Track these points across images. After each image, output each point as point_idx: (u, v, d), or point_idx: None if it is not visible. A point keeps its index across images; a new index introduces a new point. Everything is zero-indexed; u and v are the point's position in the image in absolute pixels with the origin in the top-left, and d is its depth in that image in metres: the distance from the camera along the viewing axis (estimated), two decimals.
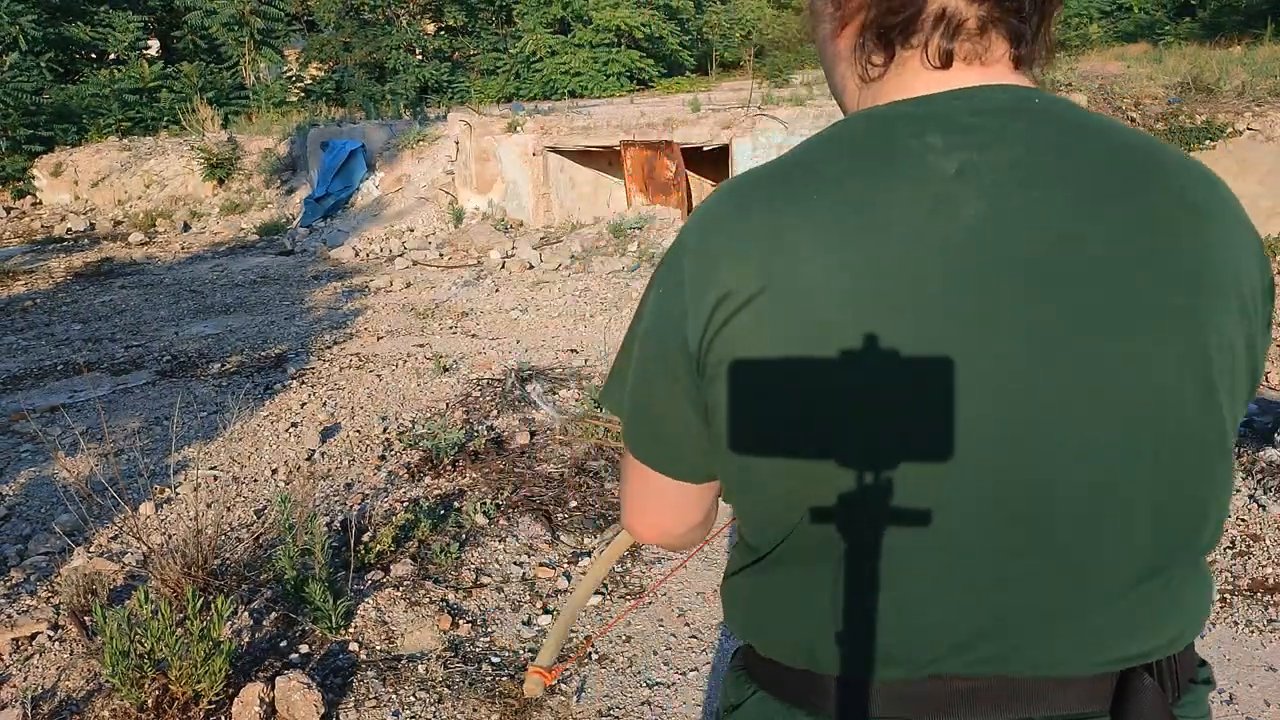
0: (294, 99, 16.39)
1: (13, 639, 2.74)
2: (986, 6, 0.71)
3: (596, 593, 3.06)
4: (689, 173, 9.60)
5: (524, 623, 2.87)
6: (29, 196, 13.44)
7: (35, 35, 14.89)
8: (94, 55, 17.12)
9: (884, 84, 0.75)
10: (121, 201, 12.68)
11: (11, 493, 3.94)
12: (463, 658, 2.68)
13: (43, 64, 14.87)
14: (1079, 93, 7.77)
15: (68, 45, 16.24)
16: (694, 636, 2.83)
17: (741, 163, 8.92)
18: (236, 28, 16.81)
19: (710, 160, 9.61)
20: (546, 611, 2.94)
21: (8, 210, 12.92)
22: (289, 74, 17.59)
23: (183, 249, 10.33)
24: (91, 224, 11.97)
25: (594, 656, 2.72)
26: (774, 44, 18.71)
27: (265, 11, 17.14)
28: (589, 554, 3.29)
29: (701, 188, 10.28)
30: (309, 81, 17.37)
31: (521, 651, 2.72)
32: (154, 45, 18.43)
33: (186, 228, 11.46)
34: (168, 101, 14.95)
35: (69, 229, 11.67)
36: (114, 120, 14.77)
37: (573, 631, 2.85)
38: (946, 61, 0.72)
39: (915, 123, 0.70)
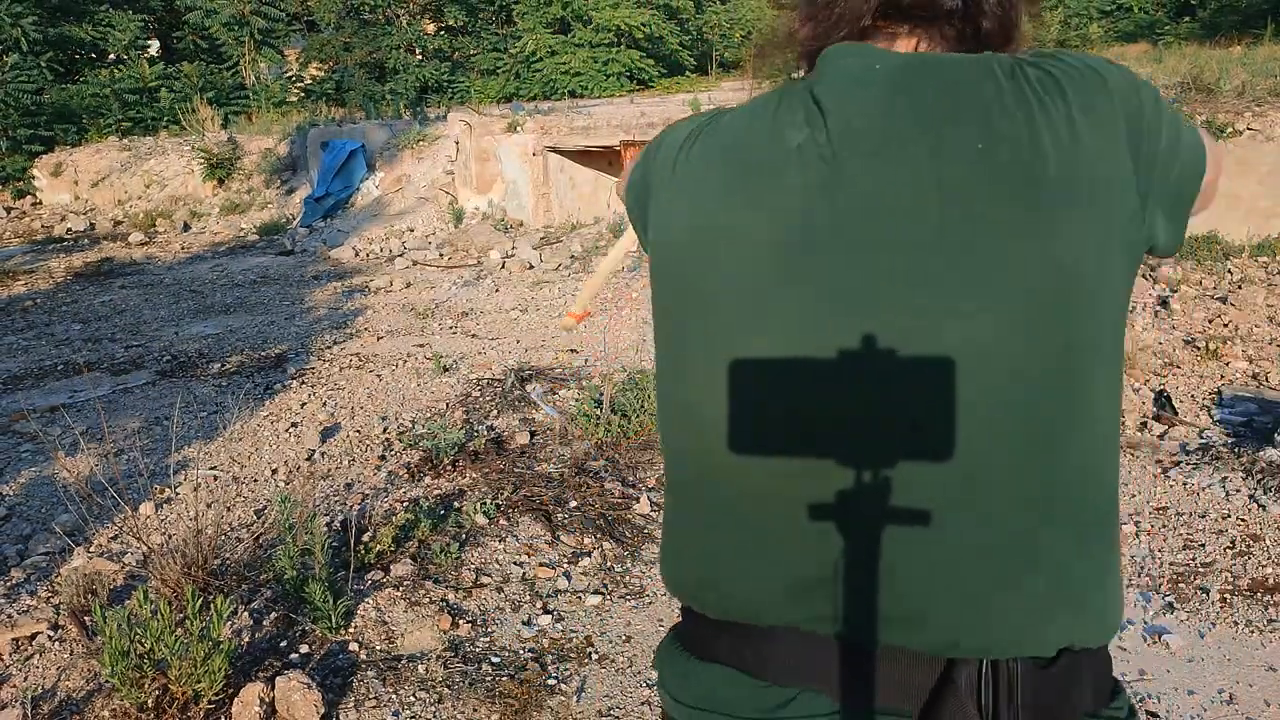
0: (294, 99, 16.38)
1: (13, 639, 2.73)
2: (907, 24, 0.80)
3: (596, 593, 3.06)
4: None
5: (524, 623, 2.87)
6: (29, 196, 13.45)
7: (36, 37, 14.88)
8: (94, 55, 17.12)
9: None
10: (121, 201, 12.69)
11: (11, 493, 3.94)
12: (463, 658, 2.68)
13: (43, 64, 14.87)
14: None
15: (68, 45, 16.24)
16: None
17: None
18: (237, 28, 16.80)
19: None
20: (547, 611, 2.94)
21: (8, 210, 12.92)
22: (289, 74, 17.58)
23: (183, 249, 10.33)
24: (91, 224, 11.97)
25: (594, 656, 2.72)
26: (774, 44, 18.66)
27: (265, 11, 17.13)
28: (589, 554, 3.29)
29: None
30: (309, 81, 17.37)
31: (521, 651, 2.72)
32: (154, 45, 18.43)
33: (186, 228, 11.47)
34: (168, 101, 14.95)
35: (69, 229, 11.67)
36: (114, 120, 14.77)
37: (572, 631, 2.85)
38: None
39: (796, 95, 0.81)
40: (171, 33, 18.59)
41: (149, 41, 17.96)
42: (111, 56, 16.92)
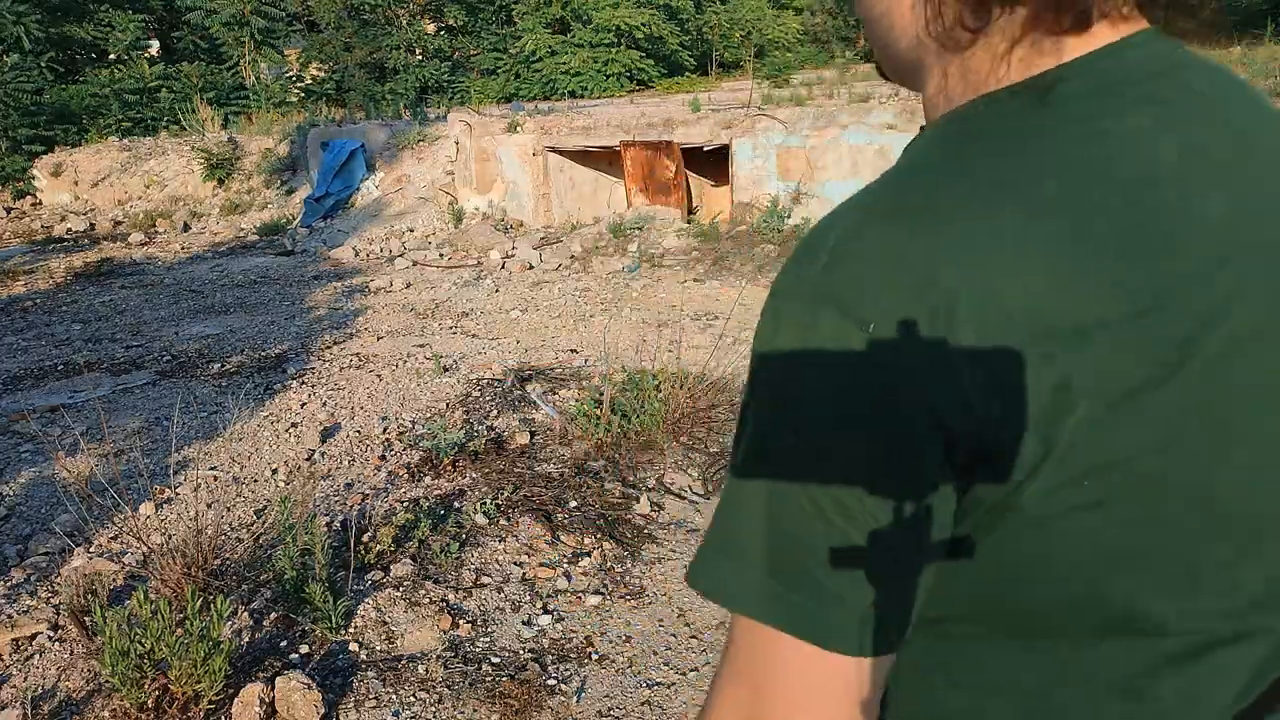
0: (294, 99, 16.39)
1: (13, 639, 2.73)
2: None
3: (596, 593, 3.06)
4: (689, 173, 9.60)
5: (524, 623, 2.87)
6: (29, 196, 13.45)
7: (39, 35, 14.90)
8: (94, 55, 17.15)
9: (976, 55, 0.55)
10: (121, 201, 12.69)
11: (11, 493, 3.94)
12: (463, 658, 2.68)
13: (43, 64, 14.89)
14: None
15: (69, 45, 16.26)
16: (694, 637, 2.83)
17: (742, 163, 8.92)
18: (237, 27, 16.81)
19: (710, 160, 9.61)
20: (547, 611, 2.94)
21: (8, 210, 12.92)
22: (289, 74, 17.59)
23: (183, 249, 10.33)
24: (91, 224, 11.96)
25: (594, 656, 2.72)
26: (774, 44, 18.71)
27: (266, 11, 17.14)
28: (589, 554, 3.29)
29: (701, 187, 10.28)
30: (309, 81, 17.38)
31: (521, 651, 2.72)
32: (154, 45, 18.45)
33: (186, 228, 11.46)
34: (168, 101, 14.97)
35: (69, 229, 11.66)
36: (114, 120, 14.78)
37: (572, 631, 2.85)
38: (1084, 22, 0.51)
39: (1100, 100, 0.51)
40: (171, 33, 18.61)
41: (149, 41, 17.98)
42: (112, 56, 16.94)
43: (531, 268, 8.38)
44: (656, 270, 8.05)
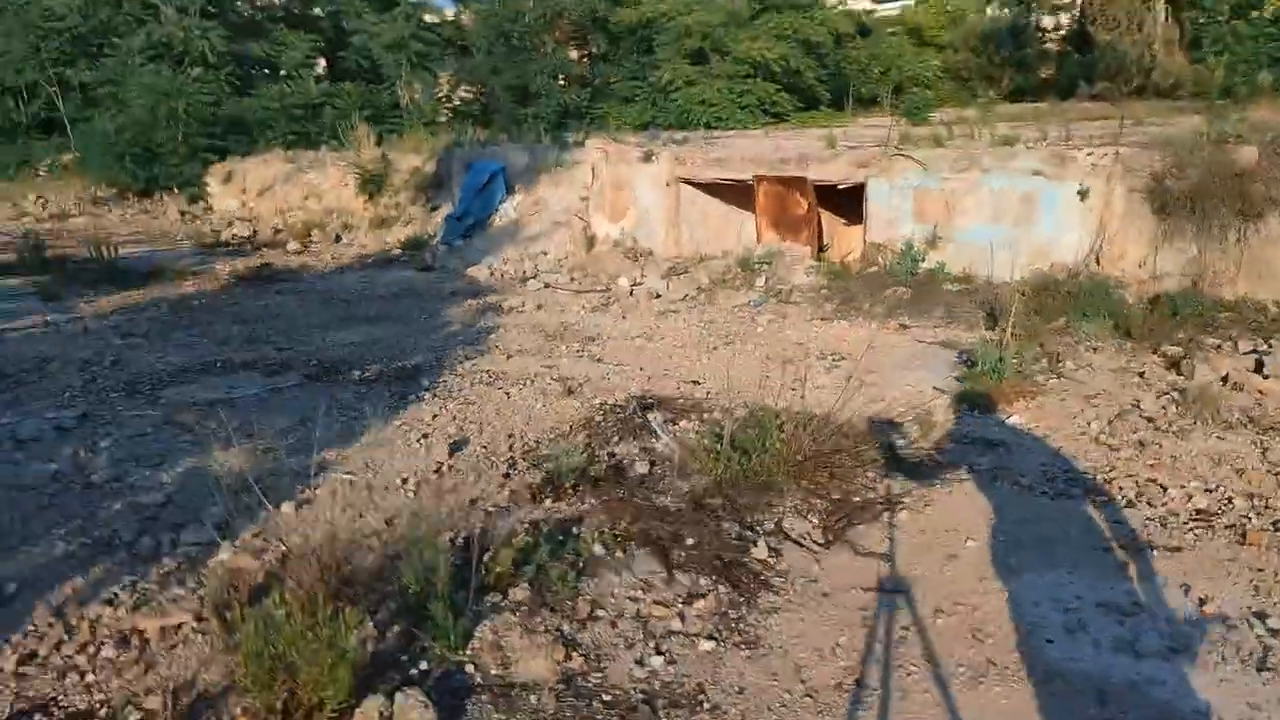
0: (443, 119, 17.18)
1: (161, 627, 2.92)
2: None
3: (710, 638, 3.01)
4: (821, 211, 9.47)
5: (636, 661, 2.85)
6: (201, 201, 14.60)
7: (221, 50, 16.22)
8: (267, 71, 18.52)
9: None
10: (282, 210, 13.58)
11: (169, 482, 4.23)
12: (575, 692, 2.68)
13: (223, 77, 16.18)
14: (1248, 145, 7.23)
15: (245, 61, 17.62)
16: (808, 695, 2.74)
17: (877, 203, 8.72)
18: (396, 50, 17.80)
19: (843, 198, 9.45)
20: (659, 653, 2.91)
21: (182, 214, 14.06)
22: (440, 95, 18.47)
23: (333, 259, 10.94)
24: (254, 230, 12.85)
25: (705, 705, 2.67)
26: (913, 80, 18.28)
27: (423, 36, 18.10)
28: (704, 595, 3.25)
29: (833, 225, 10.12)
30: (458, 103, 18.22)
31: (633, 692, 2.70)
32: (320, 64, 19.78)
33: (338, 239, 12.15)
34: (330, 118, 15.94)
35: (234, 234, 12.56)
36: (280, 133, 15.85)
37: (684, 675, 2.81)
38: None
39: None
40: (337, 52, 19.88)
41: (316, 60, 19.27)
42: (282, 73, 18.25)
43: (658, 296, 8.44)
44: (783, 306, 7.95)
